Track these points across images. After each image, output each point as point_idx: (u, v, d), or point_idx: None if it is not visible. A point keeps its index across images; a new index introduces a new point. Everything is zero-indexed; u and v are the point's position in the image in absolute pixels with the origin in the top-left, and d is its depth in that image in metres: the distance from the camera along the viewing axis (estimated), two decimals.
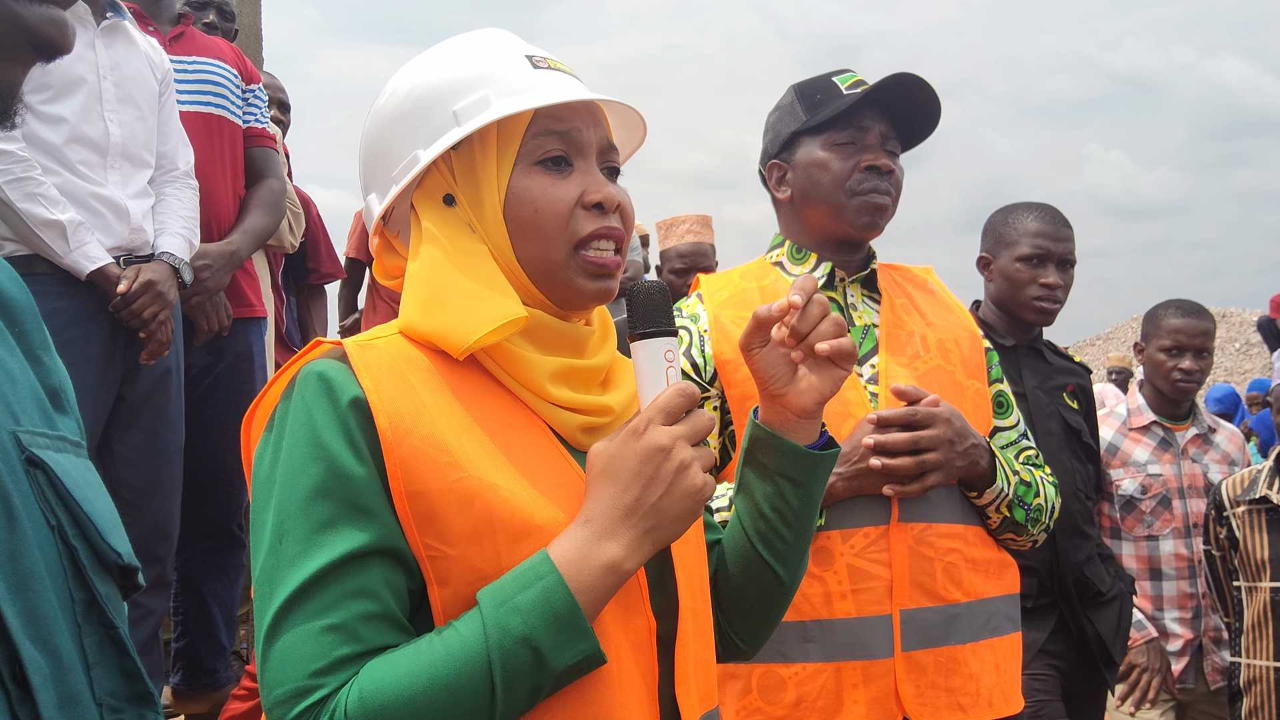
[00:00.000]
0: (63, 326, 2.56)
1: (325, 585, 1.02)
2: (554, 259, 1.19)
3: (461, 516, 1.07)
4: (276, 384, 1.16)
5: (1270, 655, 3.21)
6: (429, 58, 1.26)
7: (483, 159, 1.20)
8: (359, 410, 1.07)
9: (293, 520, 1.04)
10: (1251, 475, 3.35)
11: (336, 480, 1.05)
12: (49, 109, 2.65)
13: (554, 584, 1.04)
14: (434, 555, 1.07)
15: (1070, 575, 2.90)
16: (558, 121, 1.20)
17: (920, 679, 1.82)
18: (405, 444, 1.07)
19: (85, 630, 0.79)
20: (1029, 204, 3.03)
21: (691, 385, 1.15)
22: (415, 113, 1.21)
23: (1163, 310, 3.62)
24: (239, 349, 3.41)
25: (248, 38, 4.84)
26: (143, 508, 2.82)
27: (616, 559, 1.07)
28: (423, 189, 1.23)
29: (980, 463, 1.89)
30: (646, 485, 1.09)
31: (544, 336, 1.20)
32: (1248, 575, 3.30)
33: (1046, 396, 2.95)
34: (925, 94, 2.01)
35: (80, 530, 0.82)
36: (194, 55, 3.41)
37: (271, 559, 1.05)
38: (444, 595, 1.07)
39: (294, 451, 1.06)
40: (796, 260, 2.09)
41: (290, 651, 1.01)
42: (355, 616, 1.02)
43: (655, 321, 1.18)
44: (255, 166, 3.56)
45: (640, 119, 1.34)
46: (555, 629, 1.02)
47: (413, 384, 1.11)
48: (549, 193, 1.19)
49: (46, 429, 0.83)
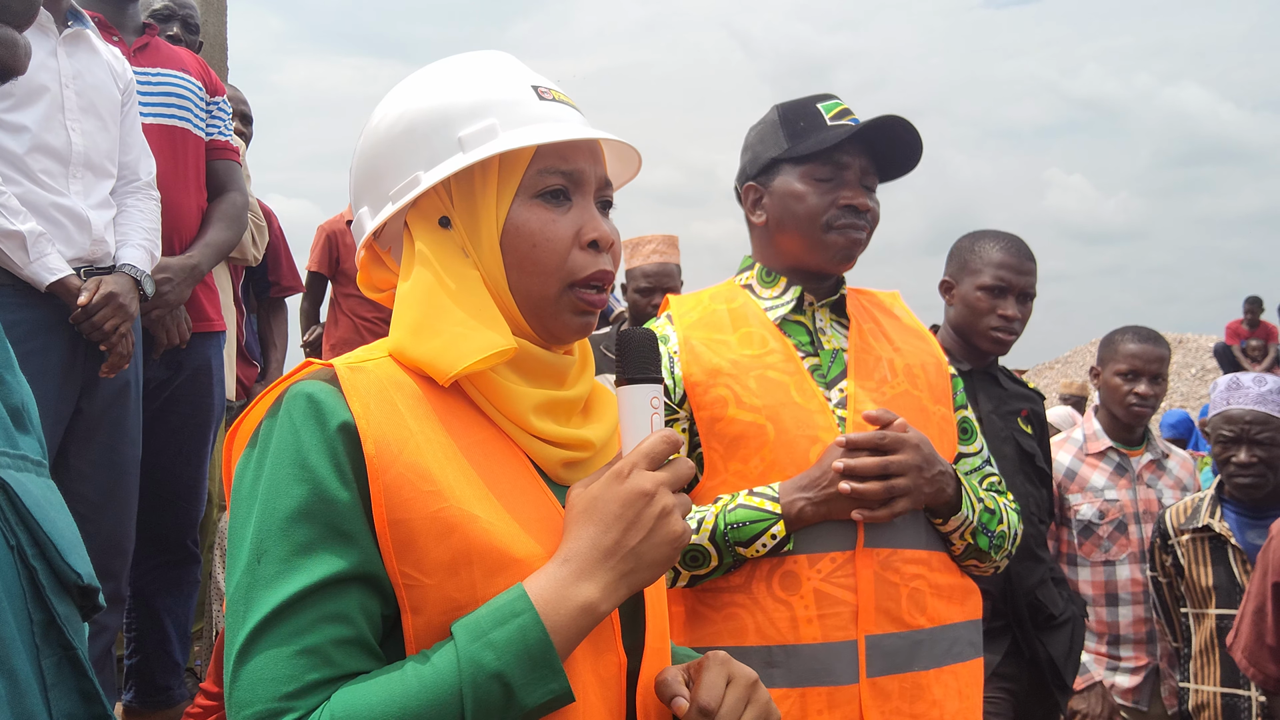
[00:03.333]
0: (22, 338, 2.52)
1: (301, 608, 1.02)
2: (547, 294, 1.20)
3: (440, 546, 1.06)
4: (262, 401, 1.15)
5: (1217, 681, 3.26)
6: (434, 77, 1.25)
7: (483, 187, 1.20)
8: (347, 435, 1.07)
9: (272, 540, 1.04)
10: (1194, 504, 3.40)
11: (320, 503, 1.04)
12: (10, 117, 2.61)
13: (529, 622, 1.04)
14: (410, 584, 1.06)
15: (1023, 598, 2.93)
16: (562, 160, 1.20)
17: (885, 705, 1.82)
18: (391, 471, 1.06)
19: (43, 651, 0.79)
20: (996, 233, 3.06)
21: (675, 433, 1.17)
22: (417, 133, 1.21)
23: (1119, 336, 3.68)
24: (198, 363, 3.38)
25: (213, 48, 4.81)
26: (98, 523, 2.77)
27: (593, 600, 1.07)
28: (418, 209, 1.23)
29: (947, 489, 1.89)
30: (628, 529, 1.10)
31: (529, 367, 1.21)
32: (1194, 602, 3.35)
33: (1001, 421, 2.98)
34: (909, 134, 2.02)
35: (40, 550, 0.81)
36: (158, 67, 3.38)
37: (248, 577, 1.04)
38: (417, 624, 1.07)
39: (278, 471, 1.06)
40: (766, 283, 2.09)
41: (262, 672, 1.00)
42: (329, 641, 1.02)
43: (644, 369, 1.19)
44: (218, 179, 3.53)
45: (636, 154, 1.35)
46: (528, 667, 1.02)
47: (400, 410, 1.11)
48: (548, 229, 1.19)
49: (8, 448, 0.83)
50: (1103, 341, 3.78)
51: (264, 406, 1.14)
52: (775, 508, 1.84)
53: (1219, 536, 3.30)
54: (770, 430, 1.89)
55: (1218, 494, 3.38)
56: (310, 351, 5.47)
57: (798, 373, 1.95)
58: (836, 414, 1.93)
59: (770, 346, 1.98)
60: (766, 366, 1.95)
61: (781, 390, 1.92)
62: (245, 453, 1.12)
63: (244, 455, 1.12)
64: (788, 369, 1.95)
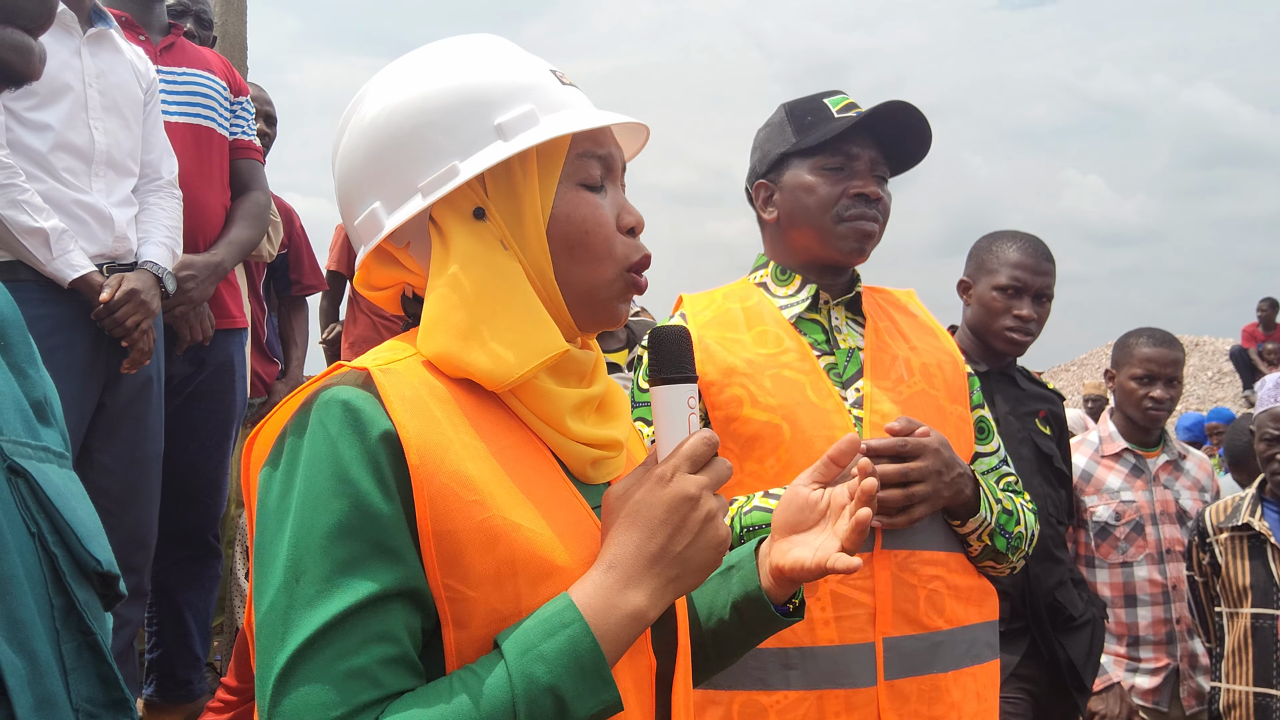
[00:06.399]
0: (45, 334, 2.55)
1: (347, 628, 0.97)
2: (603, 280, 1.18)
3: (486, 557, 1.03)
4: (286, 406, 1.10)
5: (1250, 680, 3.25)
6: (444, 61, 1.18)
7: (524, 175, 1.15)
8: (389, 444, 1.01)
9: (311, 558, 0.99)
10: (1234, 502, 3.40)
11: (363, 518, 1.00)
12: (34, 116, 2.65)
13: (580, 633, 1.01)
14: (454, 597, 1.02)
15: (1043, 600, 2.92)
16: (598, 145, 1.18)
17: (903, 708, 1.81)
18: (435, 481, 1.02)
19: (64, 636, 0.80)
20: (1015, 233, 3.05)
21: (714, 434, 1.14)
22: (443, 121, 1.14)
23: (1134, 339, 3.66)
24: (220, 359, 3.41)
25: (233, 47, 4.84)
26: (121, 517, 2.80)
27: (641, 608, 1.04)
28: (447, 200, 1.15)
29: (965, 491, 1.88)
30: (673, 534, 1.07)
31: (565, 367, 1.17)
32: (1229, 601, 3.34)
33: (1018, 422, 2.97)
34: (917, 121, 2.00)
35: (60, 537, 0.83)
36: (183, 66, 3.41)
37: (285, 597, 0.99)
38: (460, 638, 1.03)
39: (314, 485, 1.00)
40: (781, 281, 2.08)
41: (309, 697, 0.96)
42: (376, 661, 0.98)
43: (680, 368, 1.16)
44: (241, 178, 3.57)
45: (643, 135, 1.33)
46: (580, 678, 0.99)
47: (437, 416, 1.06)
48: (598, 214, 1.16)
49: (30, 440, 0.84)
50: (1117, 344, 3.76)
51: (287, 412, 1.09)
52: None
53: (1258, 535, 3.30)
54: (786, 430, 1.88)
55: (1259, 492, 3.38)
56: (329, 349, 5.49)
57: (813, 372, 1.94)
58: (853, 413, 1.92)
59: (785, 345, 1.97)
60: (782, 365, 1.94)
61: (797, 389, 1.91)
62: (270, 462, 1.06)
63: (268, 466, 1.06)
64: (803, 368, 1.94)
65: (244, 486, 1.14)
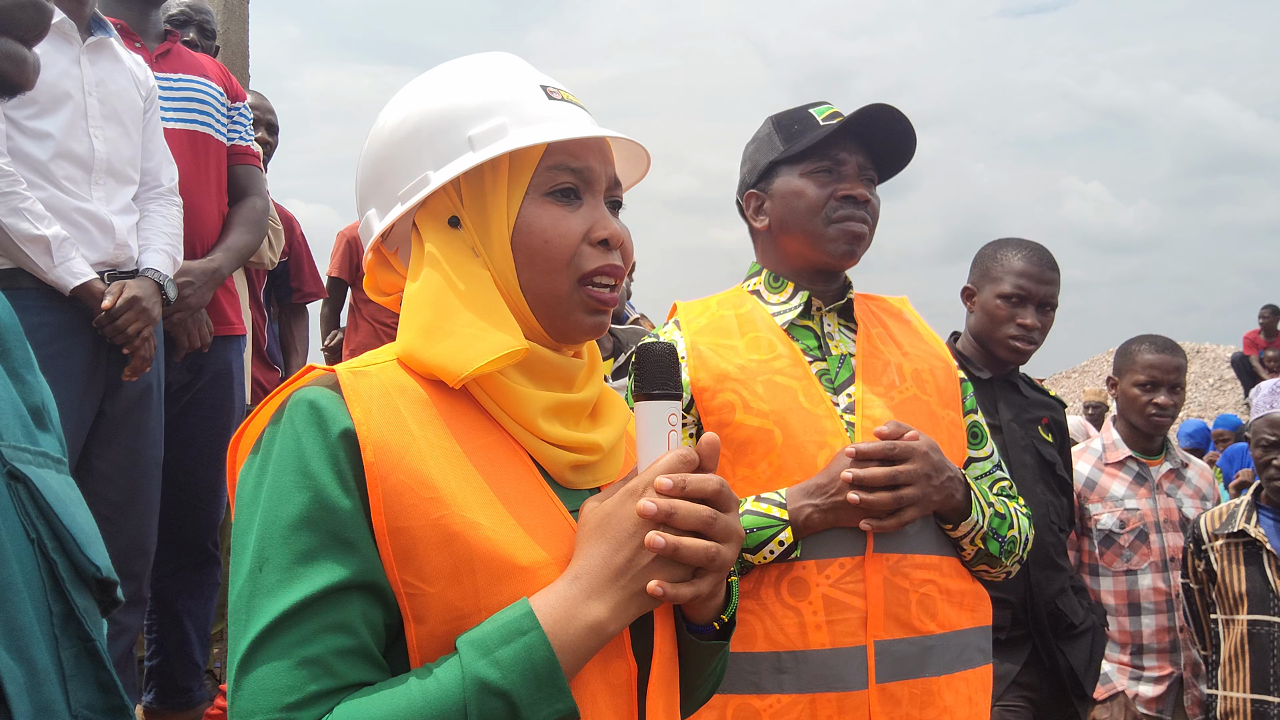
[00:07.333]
0: (45, 341, 2.55)
1: (303, 618, 1.01)
2: (559, 290, 1.19)
3: (441, 554, 1.05)
4: (266, 407, 1.14)
5: (1247, 687, 3.25)
6: (442, 78, 1.24)
7: (493, 185, 1.19)
8: (348, 441, 1.06)
9: (274, 548, 1.03)
10: (1229, 509, 3.39)
11: (322, 511, 1.03)
12: (35, 124, 2.66)
13: (536, 640, 1.03)
14: (412, 592, 1.05)
15: (1044, 607, 2.92)
16: (572, 157, 1.20)
17: (895, 711, 1.82)
18: (391, 478, 1.05)
19: (62, 642, 0.80)
20: (1020, 241, 3.05)
21: (692, 451, 1.14)
22: (425, 133, 1.20)
23: (1136, 346, 3.66)
24: (219, 366, 3.41)
25: (235, 55, 4.85)
26: (120, 524, 2.81)
27: (601, 620, 1.06)
28: (427, 209, 1.21)
29: (956, 495, 1.89)
30: (640, 548, 1.08)
31: (538, 369, 1.20)
32: (1225, 608, 3.34)
33: (1021, 429, 2.97)
34: (901, 125, 2.02)
35: (59, 544, 0.82)
36: (180, 73, 3.42)
37: (250, 585, 1.03)
38: (420, 633, 1.06)
39: (280, 478, 1.05)
40: (773, 289, 2.10)
41: (264, 682, 0.99)
42: (331, 651, 1.01)
43: (663, 384, 1.17)
44: (239, 184, 3.57)
45: (645, 154, 1.34)
46: (534, 686, 1.01)
47: (403, 415, 1.10)
48: (560, 225, 1.18)
49: (28, 445, 0.84)
50: (1119, 351, 3.76)
51: (267, 413, 1.13)
52: (782, 514, 1.84)
53: (1254, 542, 3.29)
54: (778, 435, 1.89)
55: (1254, 499, 3.37)
56: (330, 356, 5.50)
57: (805, 378, 1.96)
58: (844, 419, 1.93)
59: (778, 351, 1.98)
60: (774, 371, 1.95)
61: (789, 395, 1.92)
62: (249, 459, 1.11)
63: (247, 462, 1.11)
64: (795, 374, 1.95)
65: (229, 482, 1.18)
